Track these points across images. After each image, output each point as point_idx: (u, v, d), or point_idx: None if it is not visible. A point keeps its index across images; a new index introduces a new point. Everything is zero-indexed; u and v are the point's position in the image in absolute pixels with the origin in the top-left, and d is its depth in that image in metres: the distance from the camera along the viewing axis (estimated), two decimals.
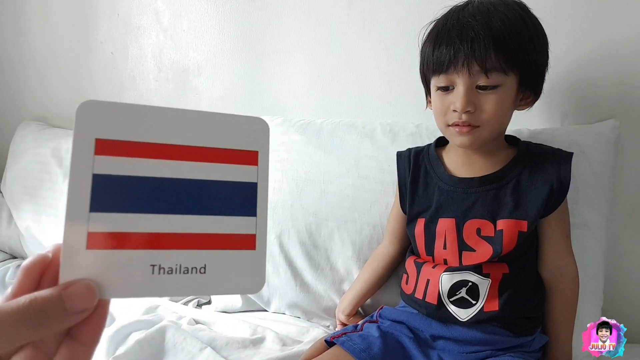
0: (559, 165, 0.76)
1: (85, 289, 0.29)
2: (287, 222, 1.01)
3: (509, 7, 0.72)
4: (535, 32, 0.74)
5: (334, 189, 0.98)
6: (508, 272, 0.75)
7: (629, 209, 0.93)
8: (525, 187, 0.76)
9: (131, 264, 0.31)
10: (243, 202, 0.34)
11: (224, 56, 1.33)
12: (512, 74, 0.71)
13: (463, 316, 0.75)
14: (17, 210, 1.44)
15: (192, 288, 0.32)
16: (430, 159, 0.84)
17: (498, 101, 0.71)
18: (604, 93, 0.92)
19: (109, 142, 0.31)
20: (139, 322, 0.90)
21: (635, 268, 0.95)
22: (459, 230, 0.77)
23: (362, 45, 1.13)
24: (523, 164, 0.77)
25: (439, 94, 0.75)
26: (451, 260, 0.77)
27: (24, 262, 0.30)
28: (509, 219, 0.74)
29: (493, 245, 0.75)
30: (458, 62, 0.70)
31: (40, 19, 1.66)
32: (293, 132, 1.07)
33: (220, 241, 0.33)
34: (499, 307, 0.73)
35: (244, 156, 0.35)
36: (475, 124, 0.72)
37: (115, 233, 0.31)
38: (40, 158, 1.43)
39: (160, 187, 0.32)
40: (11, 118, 1.72)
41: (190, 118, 0.34)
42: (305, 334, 0.92)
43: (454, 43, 0.71)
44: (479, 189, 0.77)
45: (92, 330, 0.30)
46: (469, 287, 0.75)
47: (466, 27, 0.70)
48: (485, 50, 0.69)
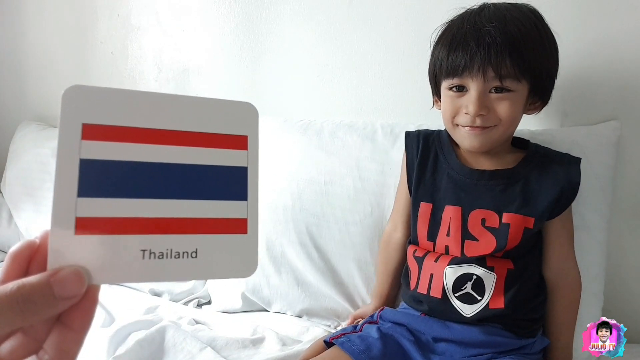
0: (569, 169, 0.76)
1: (74, 275, 0.28)
2: (288, 222, 1.01)
3: (524, 14, 0.73)
4: (547, 41, 0.74)
5: (335, 191, 0.98)
6: (513, 268, 0.75)
7: (629, 210, 0.93)
8: (535, 187, 0.76)
9: (121, 249, 0.30)
10: (234, 187, 0.34)
11: (224, 56, 1.33)
12: (525, 81, 0.72)
13: (468, 312, 0.75)
14: (17, 210, 1.44)
15: (184, 273, 0.32)
16: (442, 144, 0.83)
17: (510, 106, 0.72)
18: (604, 93, 0.92)
19: (96, 126, 0.31)
20: (139, 322, 0.90)
21: (635, 268, 0.95)
22: (464, 218, 0.77)
23: (362, 45, 1.13)
24: (532, 165, 0.78)
25: (451, 95, 0.76)
26: (453, 248, 0.77)
27: (11, 248, 0.30)
28: (517, 214, 0.74)
29: (497, 238, 0.75)
30: (474, 67, 0.70)
31: (40, 19, 1.66)
32: (294, 132, 1.07)
33: (212, 225, 0.33)
34: (505, 305, 0.74)
35: (233, 141, 0.34)
36: (487, 125, 0.73)
37: (103, 218, 0.30)
38: (40, 158, 1.44)
39: (149, 172, 0.32)
40: (11, 118, 1.72)
41: (178, 103, 0.33)
42: (305, 334, 0.92)
43: (470, 48, 0.71)
44: (488, 182, 0.77)
45: (82, 316, 0.29)
46: (474, 281, 0.74)
47: (483, 32, 0.70)
48: (501, 57, 0.69)
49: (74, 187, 0.30)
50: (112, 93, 0.32)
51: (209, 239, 0.33)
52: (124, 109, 0.32)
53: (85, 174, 0.30)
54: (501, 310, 0.74)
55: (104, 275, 0.30)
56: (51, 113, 1.66)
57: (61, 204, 0.30)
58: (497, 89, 0.72)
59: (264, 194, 0.27)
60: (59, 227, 0.29)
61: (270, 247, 1.01)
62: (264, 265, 1.01)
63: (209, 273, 0.34)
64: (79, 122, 0.30)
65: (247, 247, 0.34)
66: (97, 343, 0.83)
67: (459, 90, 0.74)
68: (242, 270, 0.34)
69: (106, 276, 0.30)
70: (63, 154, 0.30)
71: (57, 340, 0.29)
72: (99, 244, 0.30)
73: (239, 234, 0.34)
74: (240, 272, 0.34)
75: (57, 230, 0.29)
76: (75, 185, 0.30)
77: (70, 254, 0.29)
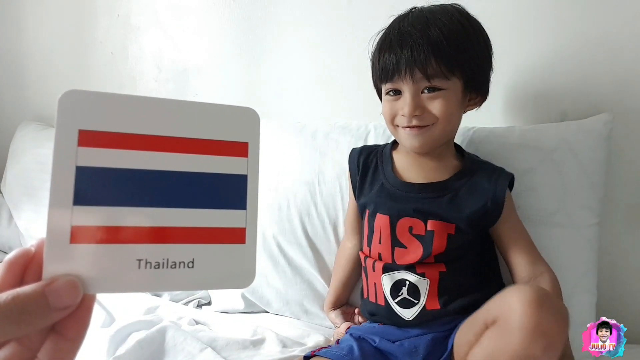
0: (497, 184, 0.78)
1: (69, 285, 0.28)
2: (283, 222, 1.01)
3: (448, 14, 0.76)
4: (475, 37, 0.77)
5: (329, 191, 0.99)
6: (445, 270, 0.76)
7: (624, 208, 0.93)
8: (462, 198, 0.78)
9: (116, 258, 0.30)
10: (233, 195, 0.33)
11: (224, 56, 1.33)
12: (455, 78, 0.75)
13: (408, 315, 0.77)
14: (17, 210, 1.44)
15: (180, 283, 0.31)
16: (383, 157, 0.87)
17: (444, 104, 0.75)
18: (601, 90, 0.91)
19: (92, 133, 0.30)
20: (139, 323, 0.90)
21: (633, 267, 0.95)
22: (392, 227, 0.79)
23: (362, 46, 1.13)
24: (464, 180, 0.79)
25: (388, 99, 0.79)
26: (385, 255, 0.80)
27: (6, 256, 0.30)
28: (439, 221, 0.77)
29: (423, 245, 0.77)
30: (401, 69, 0.74)
31: (40, 19, 1.66)
32: (290, 133, 1.08)
33: (209, 235, 0.32)
34: (440, 306, 0.76)
35: (233, 147, 0.34)
36: (424, 124, 0.76)
37: (99, 227, 0.30)
38: (40, 158, 1.44)
39: (146, 180, 0.31)
40: (11, 118, 1.72)
41: (177, 108, 0.33)
42: (306, 338, 0.92)
43: (395, 52, 0.75)
44: (417, 194, 0.80)
45: (77, 325, 0.29)
46: (409, 286, 0.77)
47: (406, 36, 0.75)
48: (425, 57, 0.72)
49: (70, 195, 0.29)
50: (109, 98, 0.31)
51: (206, 248, 0.32)
52: (121, 115, 0.31)
53: (81, 182, 0.30)
54: (438, 310, 0.76)
55: (99, 285, 0.29)
56: (51, 113, 1.65)
57: (56, 213, 0.29)
58: (429, 89, 0.75)
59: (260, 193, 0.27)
60: (54, 235, 0.29)
61: (267, 246, 1.02)
62: (262, 265, 1.01)
63: (206, 283, 0.34)
64: (76, 128, 0.30)
65: (245, 257, 0.33)
66: (97, 343, 0.83)
67: (396, 94, 0.78)
68: (240, 280, 0.33)
69: (101, 286, 0.29)
70: (59, 161, 0.29)
71: (52, 350, 0.29)
72: (94, 253, 0.29)
73: (237, 243, 0.33)
74: (237, 282, 0.33)
75: (53, 239, 0.29)
76: (71, 193, 0.29)
77: (66, 263, 0.29)
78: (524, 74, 0.96)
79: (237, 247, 0.33)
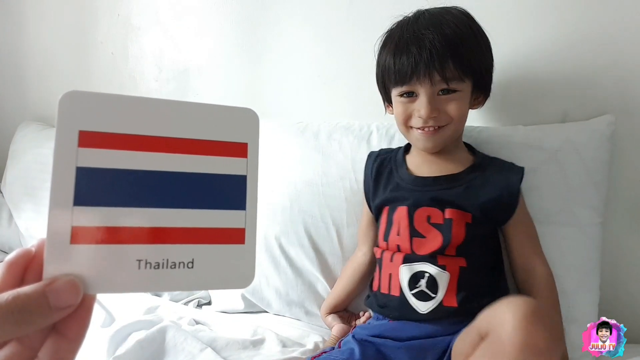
0: (509, 176, 0.80)
1: (69, 285, 0.28)
2: (286, 224, 1.01)
3: (456, 17, 0.78)
4: (481, 39, 0.79)
5: (332, 192, 0.99)
6: (465, 265, 0.76)
7: (626, 208, 0.93)
8: (476, 189, 0.80)
9: (116, 258, 0.30)
10: (232, 196, 0.33)
11: (224, 56, 1.33)
12: (468, 80, 0.77)
13: (423, 309, 0.77)
14: (17, 210, 1.44)
15: (180, 283, 0.32)
16: (397, 162, 0.89)
17: (459, 105, 0.77)
18: (604, 92, 0.91)
19: (93, 134, 0.30)
20: (139, 323, 0.90)
21: (634, 267, 0.94)
22: (410, 217, 0.80)
23: (362, 46, 1.13)
24: (477, 173, 0.81)
25: (402, 102, 0.80)
26: (403, 246, 0.80)
27: (6, 256, 0.30)
28: (457, 210, 0.78)
29: (442, 233, 0.78)
30: (420, 72, 0.75)
31: (41, 19, 1.66)
32: (291, 134, 1.08)
33: (209, 235, 0.32)
34: (457, 303, 0.75)
35: (232, 148, 0.34)
36: (440, 125, 0.78)
37: (100, 227, 0.30)
38: (40, 158, 1.44)
39: (146, 181, 0.31)
40: (11, 118, 1.72)
41: (177, 109, 0.33)
42: (306, 339, 0.92)
43: (413, 55, 0.75)
44: (433, 187, 0.82)
45: (78, 325, 0.29)
46: (428, 279, 0.77)
47: (423, 39, 0.75)
48: (444, 60, 0.74)
49: (70, 196, 0.30)
50: (109, 99, 0.31)
51: (205, 249, 0.32)
52: (121, 116, 0.31)
53: (81, 182, 0.30)
54: (454, 308, 0.75)
55: (99, 285, 0.30)
56: (51, 113, 1.65)
57: (57, 213, 0.29)
58: (444, 91, 0.77)
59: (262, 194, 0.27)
60: (55, 236, 0.29)
61: (269, 247, 1.02)
62: (263, 266, 1.01)
63: (206, 284, 0.34)
64: (76, 129, 0.30)
65: (244, 258, 0.33)
66: (97, 343, 0.83)
67: (410, 96, 0.79)
68: (239, 281, 0.33)
69: (101, 286, 0.30)
70: (59, 162, 0.30)
71: (52, 349, 0.29)
72: (94, 253, 0.30)
73: (237, 244, 0.33)
74: (237, 283, 0.33)
75: (53, 239, 0.29)
76: (71, 194, 0.30)
77: (66, 263, 0.29)
78: (525, 75, 0.96)
79: (236, 247, 0.33)
